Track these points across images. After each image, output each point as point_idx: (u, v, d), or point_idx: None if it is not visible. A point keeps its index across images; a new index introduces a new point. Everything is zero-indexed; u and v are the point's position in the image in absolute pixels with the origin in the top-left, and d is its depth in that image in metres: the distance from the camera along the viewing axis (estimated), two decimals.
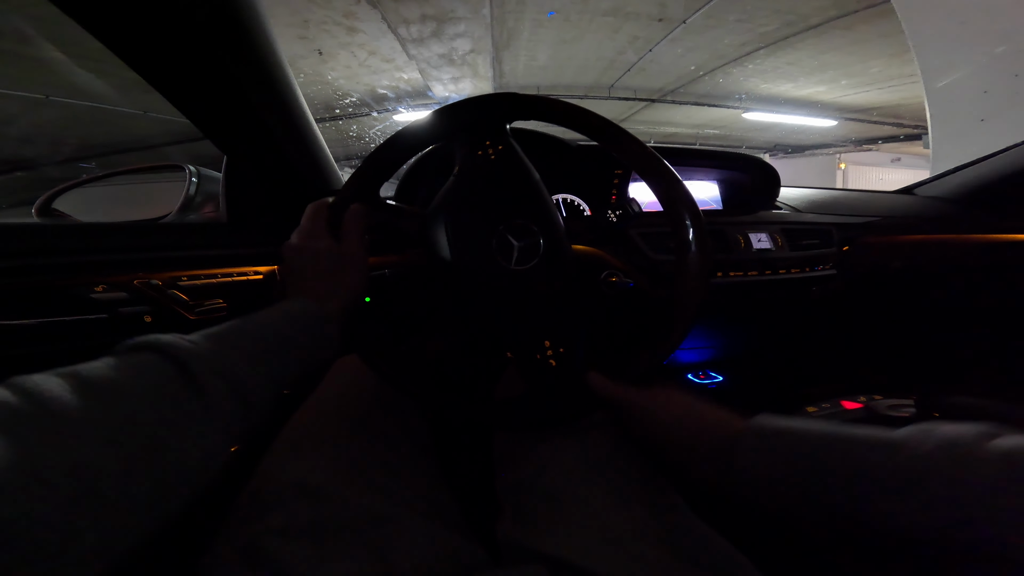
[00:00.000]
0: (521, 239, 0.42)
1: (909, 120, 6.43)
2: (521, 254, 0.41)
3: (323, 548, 0.30)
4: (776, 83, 5.31)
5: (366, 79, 4.76)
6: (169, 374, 0.23)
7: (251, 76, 0.46)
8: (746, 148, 8.14)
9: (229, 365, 0.25)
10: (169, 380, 0.23)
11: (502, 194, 0.43)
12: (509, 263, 0.41)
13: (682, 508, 0.36)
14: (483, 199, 0.43)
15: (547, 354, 0.40)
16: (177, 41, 0.40)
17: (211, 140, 0.54)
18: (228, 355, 0.26)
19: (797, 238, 0.74)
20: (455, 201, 0.43)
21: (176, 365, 0.23)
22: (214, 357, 0.25)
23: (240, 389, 0.25)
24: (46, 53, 2.79)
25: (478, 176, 0.43)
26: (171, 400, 0.22)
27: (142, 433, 0.20)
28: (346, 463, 0.36)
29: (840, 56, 4.41)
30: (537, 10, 3.67)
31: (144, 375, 0.22)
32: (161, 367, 0.23)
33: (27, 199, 0.89)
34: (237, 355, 0.26)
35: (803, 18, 3.71)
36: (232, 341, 0.27)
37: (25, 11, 2.38)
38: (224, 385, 0.24)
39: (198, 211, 0.67)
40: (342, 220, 0.39)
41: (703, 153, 0.80)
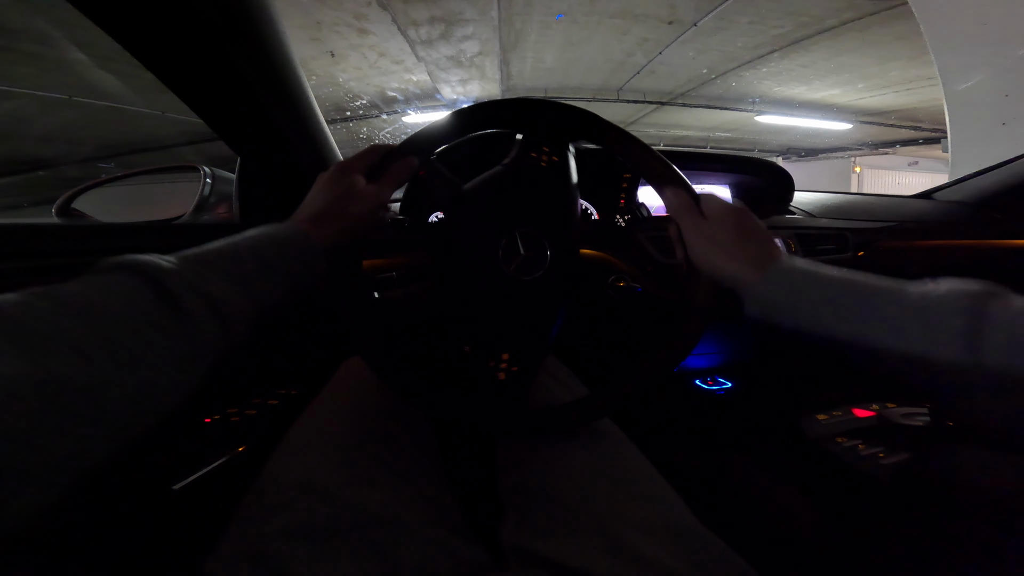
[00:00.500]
0: (529, 249, 0.42)
1: (928, 123, 6.29)
2: (524, 263, 0.42)
3: (327, 549, 0.31)
4: (789, 86, 5.23)
5: (376, 81, 4.81)
6: (144, 291, 0.23)
7: (264, 78, 0.47)
8: (758, 151, 8.04)
9: (207, 283, 0.25)
10: (144, 296, 0.23)
11: (535, 200, 0.43)
12: (509, 267, 0.42)
13: (685, 512, 0.36)
14: (515, 198, 0.43)
15: (500, 366, 0.40)
16: (192, 43, 0.41)
17: (225, 141, 0.55)
18: (206, 274, 0.26)
19: (811, 243, 0.73)
20: (491, 188, 0.43)
21: (151, 282, 0.23)
22: (192, 275, 0.25)
23: (218, 307, 0.25)
24: (69, 54, 2.87)
25: (522, 175, 0.43)
26: (145, 316, 0.22)
27: (114, 348, 0.20)
28: (351, 465, 0.36)
29: (856, 58, 4.34)
30: (545, 12, 3.67)
31: (118, 292, 0.22)
32: (136, 284, 0.23)
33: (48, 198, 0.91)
34: (216, 274, 0.26)
35: (817, 20, 3.66)
36: (211, 260, 0.27)
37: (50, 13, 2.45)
38: (202, 303, 0.24)
39: (212, 212, 0.68)
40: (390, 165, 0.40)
41: (715, 157, 0.80)
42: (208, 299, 0.25)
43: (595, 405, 0.39)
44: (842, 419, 0.67)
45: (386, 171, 0.40)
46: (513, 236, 0.42)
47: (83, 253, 0.50)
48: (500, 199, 0.43)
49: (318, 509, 0.32)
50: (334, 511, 0.32)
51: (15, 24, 2.60)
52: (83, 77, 3.17)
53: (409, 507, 0.35)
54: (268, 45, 0.45)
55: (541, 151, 0.43)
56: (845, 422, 0.67)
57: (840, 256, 0.74)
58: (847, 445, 0.63)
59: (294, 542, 0.30)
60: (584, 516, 0.34)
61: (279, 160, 0.57)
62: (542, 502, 0.36)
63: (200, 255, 0.27)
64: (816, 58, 4.42)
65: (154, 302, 0.23)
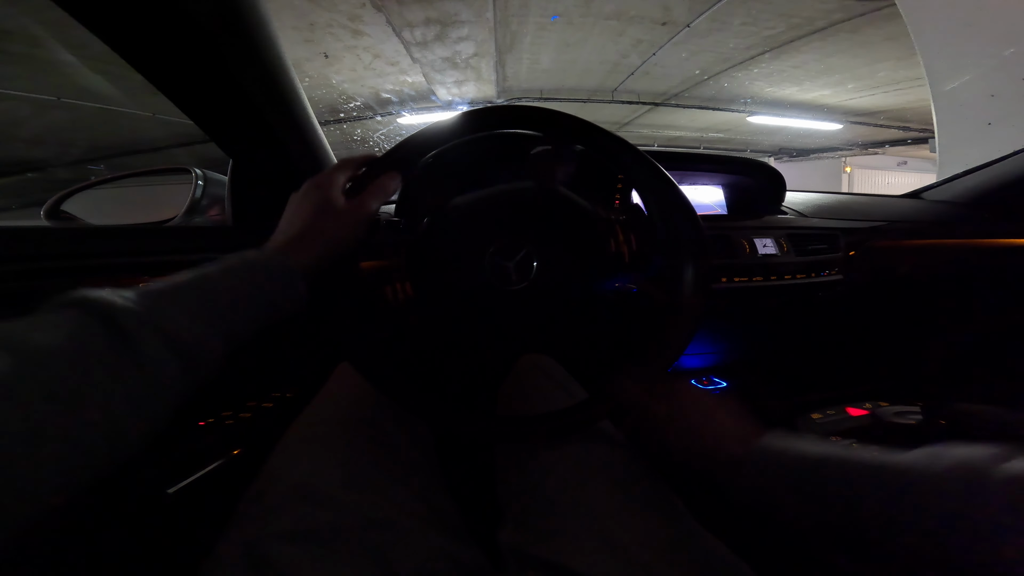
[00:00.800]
0: (513, 260, 0.42)
1: (916, 124, 6.39)
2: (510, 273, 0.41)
3: (325, 552, 0.30)
4: (781, 86, 5.29)
5: (370, 82, 4.80)
6: (92, 328, 0.21)
7: (256, 80, 0.46)
8: (751, 152, 8.12)
9: (166, 319, 0.24)
10: (91, 334, 0.21)
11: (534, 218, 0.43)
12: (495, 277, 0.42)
13: (685, 515, 0.36)
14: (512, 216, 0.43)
15: None
16: (183, 44, 0.40)
17: (217, 143, 0.54)
18: (166, 309, 0.24)
19: (803, 243, 0.74)
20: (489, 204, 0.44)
21: (101, 319, 0.22)
22: (149, 311, 0.23)
23: (178, 345, 0.24)
24: (57, 56, 2.83)
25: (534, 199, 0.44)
26: (91, 355, 0.21)
27: (56, 391, 0.19)
28: (349, 468, 0.36)
29: (846, 59, 4.40)
30: (540, 13, 3.69)
31: (64, 329, 0.21)
32: (84, 320, 0.21)
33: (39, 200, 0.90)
34: (177, 309, 0.25)
35: (808, 21, 3.70)
36: (172, 295, 0.26)
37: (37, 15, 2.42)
38: (158, 340, 0.23)
39: (204, 214, 0.67)
40: (370, 180, 0.38)
41: (708, 157, 0.80)
42: (166, 336, 0.23)
43: (592, 409, 0.39)
44: (836, 418, 0.68)
45: (367, 186, 0.38)
46: (499, 246, 0.42)
47: (73, 256, 0.50)
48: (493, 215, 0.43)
49: (316, 513, 0.32)
50: (332, 515, 0.32)
51: (3, 25, 2.56)
52: (73, 79, 3.13)
53: (407, 510, 0.35)
54: (260, 46, 0.45)
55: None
56: (839, 421, 0.68)
57: (831, 255, 0.75)
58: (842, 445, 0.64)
59: (292, 546, 0.30)
60: (583, 519, 0.34)
61: (272, 162, 0.57)
62: (541, 505, 0.36)
63: (162, 289, 0.26)
64: (807, 59, 4.47)
65: (103, 340, 0.21)
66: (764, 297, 0.70)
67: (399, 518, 0.34)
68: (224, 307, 0.27)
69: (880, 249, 0.82)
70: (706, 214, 0.83)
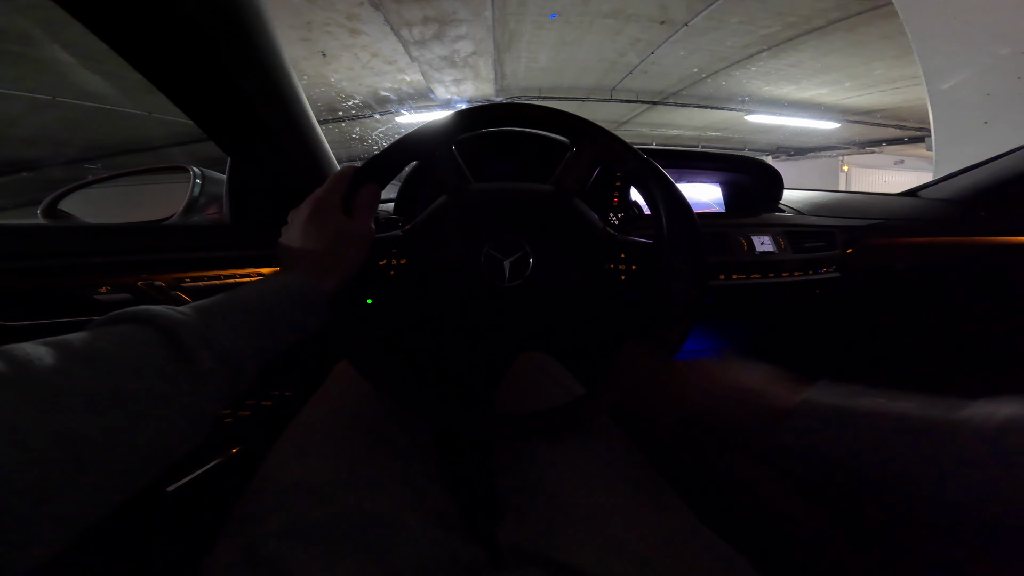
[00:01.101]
0: (510, 256, 0.42)
1: (912, 122, 6.41)
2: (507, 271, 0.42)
3: (324, 549, 0.30)
4: (778, 85, 5.30)
5: (369, 81, 4.79)
6: (157, 344, 0.23)
7: (255, 78, 0.46)
8: (748, 151, 8.14)
9: (218, 336, 0.25)
10: (157, 350, 0.22)
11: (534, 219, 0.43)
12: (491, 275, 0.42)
13: (684, 511, 0.36)
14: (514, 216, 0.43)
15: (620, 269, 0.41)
16: (181, 43, 0.40)
17: (215, 142, 0.54)
18: (217, 326, 0.26)
19: (800, 241, 0.74)
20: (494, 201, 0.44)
21: (165, 335, 0.23)
22: (203, 328, 0.25)
23: (229, 360, 0.25)
24: (53, 54, 2.82)
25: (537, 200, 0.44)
26: (158, 371, 0.22)
27: (126, 403, 0.20)
28: (348, 465, 0.36)
29: (843, 58, 4.41)
30: (538, 12, 3.68)
31: (131, 345, 0.22)
32: (149, 337, 0.23)
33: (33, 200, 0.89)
34: (226, 327, 0.26)
35: (805, 20, 3.71)
36: (221, 313, 0.27)
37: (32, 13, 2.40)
38: (212, 356, 0.24)
39: (202, 213, 0.67)
40: (357, 195, 0.39)
41: (706, 155, 0.81)
42: (218, 352, 0.25)
43: (588, 406, 0.39)
44: None
45: (357, 202, 0.39)
46: (495, 244, 0.42)
47: (70, 254, 0.50)
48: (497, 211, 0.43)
49: (315, 510, 0.32)
50: (331, 512, 0.32)
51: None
52: (69, 77, 3.11)
53: (407, 507, 0.35)
54: (258, 44, 0.45)
55: None
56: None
57: (829, 253, 0.75)
58: None
59: (291, 543, 0.30)
60: (583, 516, 0.34)
61: (270, 161, 0.57)
62: (540, 502, 0.36)
63: (209, 306, 0.27)
64: (804, 58, 4.48)
65: (166, 354, 0.23)
66: (761, 294, 0.71)
67: (398, 515, 0.34)
68: (260, 325, 0.29)
69: (877, 247, 0.82)
70: (704, 212, 0.83)
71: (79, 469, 0.18)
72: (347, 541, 0.31)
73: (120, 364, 0.21)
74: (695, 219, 0.41)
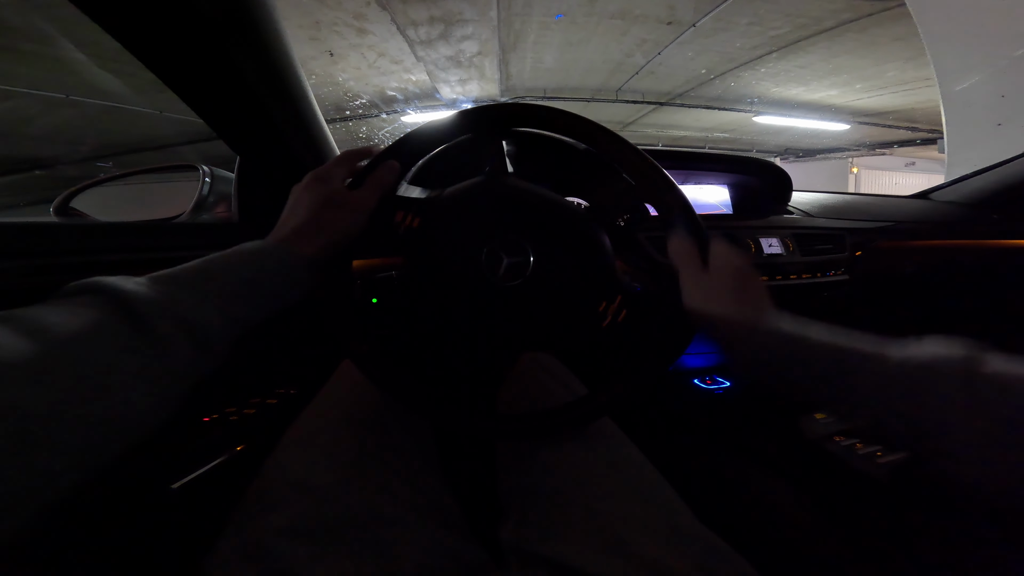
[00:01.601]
0: (511, 256, 0.41)
1: (924, 124, 6.33)
2: (508, 270, 0.41)
3: (326, 548, 0.31)
4: (787, 87, 5.26)
5: (375, 80, 4.81)
6: (110, 313, 0.22)
7: (264, 77, 0.47)
8: (756, 152, 8.07)
9: (181, 305, 0.24)
10: (110, 319, 0.22)
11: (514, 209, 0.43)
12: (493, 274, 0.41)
13: (685, 512, 0.36)
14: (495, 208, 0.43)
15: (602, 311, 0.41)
16: (192, 41, 0.41)
17: (224, 140, 0.55)
18: (179, 295, 0.25)
19: (809, 243, 0.73)
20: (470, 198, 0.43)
21: (118, 304, 0.22)
22: (164, 297, 0.24)
23: (194, 330, 0.24)
24: (67, 54, 2.86)
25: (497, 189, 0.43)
26: (113, 341, 0.21)
27: (79, 375, 0.19)
28: (350, 464, 0.36)
29: (853, 60, 4.36)
30: (544, 12, 3.68)
31: (82, 315, 0.21)
32: (102, 307, 0.22)
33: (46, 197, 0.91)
34: (190, 295, 0.25)
35: (816, 21, 3.67)
36: (185, 281, 0.26)
37: (49, 12, 2.44)
38: (175, 326, 0.23)
39: (211, 211, 0.68)
40: (370, 172, 0.38)
41: (714, 157, 0.80)
42: (181, 320, 0.24)
43: (589, 406, 0.39)
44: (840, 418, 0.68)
45: (367, 178, 0.38)
46: (495, 243, 0.41)
47: (81, 252, 0.50)
48: (480, 208, 0.42)
49: (317, 508, 0.32)
50: (333, 510, 0.32)
51: (14, 23, 2.59)
52: (82, 76, 3.16)
53: (409, 507, 0.35)
54: (268, 44, 0.45)
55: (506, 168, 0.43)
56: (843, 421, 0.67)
57: (837, 255, 0.75)
58: (845, 444, 0.63)
59: (293, 541, 0.30)
60: (584, 517, 0.34)
61: (278, 159, 0.57)
62: (542, 502, 0.36)
63: (172, 275, 0.26)
64: (814, 59, 4.44)
65: (121, 324, 0.22)
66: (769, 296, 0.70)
67: (401, 514, 0.34)
68: (231, 292, 0.28)
69: (886, 249, 0.81)
70: (711, 213, 0.82)
71: (25, 444, 0.17)
72: (349, 540, 0.31)
73: (70, 336, 0.20)
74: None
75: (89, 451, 0.19)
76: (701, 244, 0.40)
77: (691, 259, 0.39)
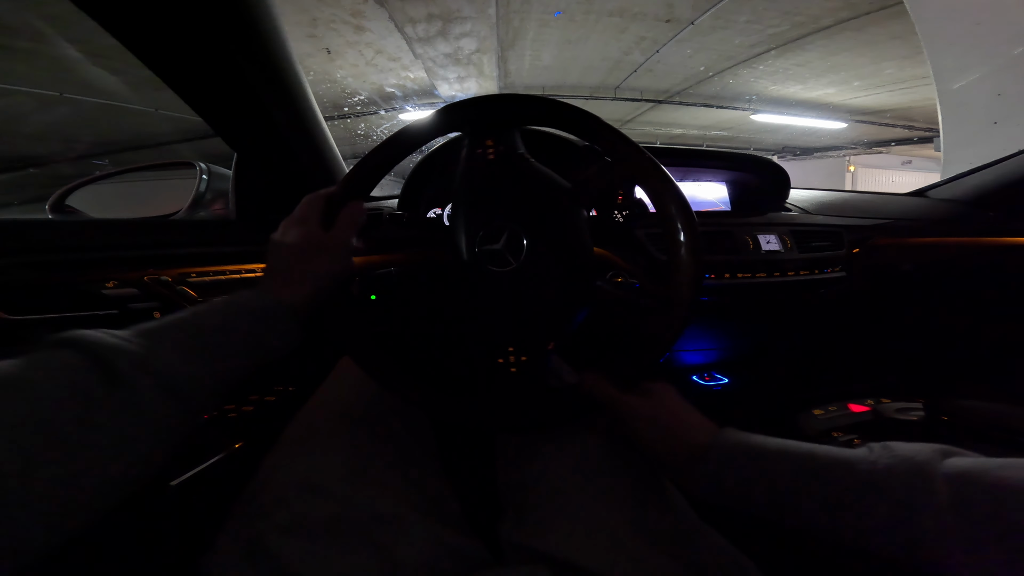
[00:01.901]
0: (500, 241, 0.41)
1: (922, 122, 6.34)
2: (500, 256, 0.41)
3: (326, 545, 0.31)
4: (785, 85, 5.26)
5: (373, 78, 4.79)
6: (87, 371, 0.21)
7: (262, 74, 0.46)
8: (754, 150, 8.07)
9: (159, 360, 0.24)
10: (85, 376, 0.21)
11: (496, 194, 0.43)
12: (485, 260, 0.41)
13: (684, 508, 0.36)
14: (479, 198, 0.43)
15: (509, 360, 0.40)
16: (190, 39, 0.40)
17: (222, 137, 0.54)
18: (157, 350, 0.24)
19: (806, 240, 0.73)
20: (457, 200, 0.43)
21: (95, 361, 0.22)
22: (141, 351, 0.23)
23: (171, 385, 0.24)
24: (61, 51, 2.83)
25: (475, 175, 0.43)
26: (85, 397, 0.21)
27: (48, 430, 0.19)
28: (350, 461, 0.36)
29: (851, 58, 4.36)
30: (543, 10, 3.67)
31: (60, 372, 0.21)
32: (77, 363, 0.22)
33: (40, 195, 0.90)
34: (169, 350, 0.25)
35: (814, 19, 3.67)
36: (165, 335, 0.26)
37: (41, 9, 2.42)
38: (152, 381, 0.23)
39: (208, 208, 0.68)
40: (338, 212, 0.38)
41: (712, 154, 0.80)
42: (159, 377, 0.23)
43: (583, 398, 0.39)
44: (838, 414, 0.68)
45: (339, 219, 0.37)
46: (488, 229, 0.42)
47: (78, 249, 0.50)
48: (468, 200, 0.43)
49: (316, 505, 0.32)
50: (333, 507, 0.32)
51: (7, 20, 2.56)
52: (76, 74, 3.13)
53: (408, 503, 0.35)
54: (266, 41, 0.45)
55: (486, 146, 0.43)
56: (841, 417, 0.68)
57: (835, 252, 0.75)
58: (843, 440, 0.64)
59: (292, 538, 0.30)
60: (583, 513, 0.34)
61: (276, 156, 0.57)
62: (541, 499, 0.36)
63: (154, 328, 0.26)
64: (812, 57, 4.44)
65: (97, 381, 0.21)
66: (767, 293, 0.70)
67: (400, 510, 0.34)
68: (215, 346, 0.27)
69: (883, 246, 0.81)
70: (709, 210, 0.82)
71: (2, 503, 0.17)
72: (349, 537, 0.31)
73: (46, 392, 0.20)
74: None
75: (64, 513, 0.19)
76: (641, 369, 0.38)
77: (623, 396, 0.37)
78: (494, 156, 0.43)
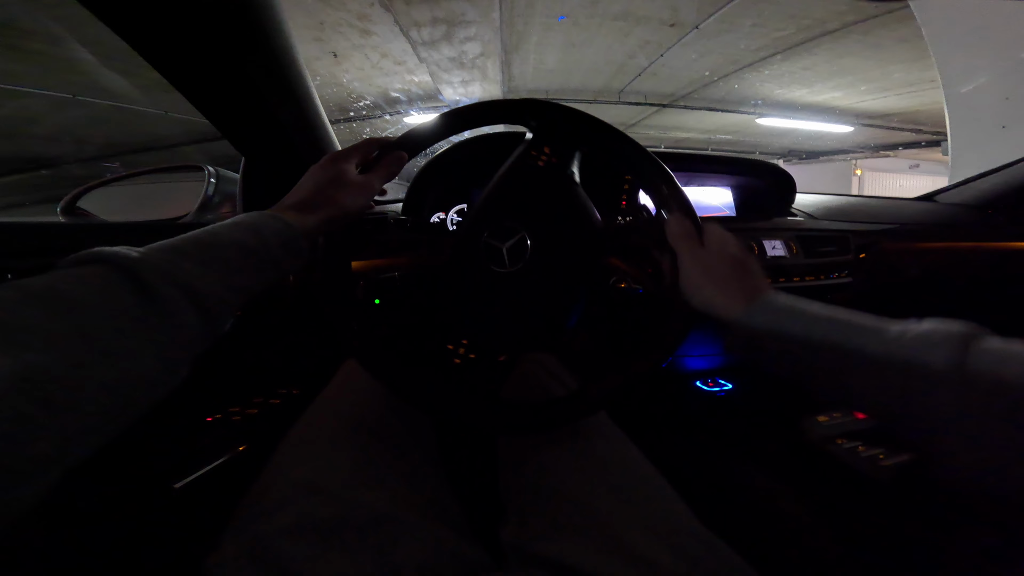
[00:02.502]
0: (508, 242, 0.42)
1: (929, 126, 6.29)
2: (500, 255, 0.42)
3: (328, 547, 0.31)
4: (791, 88, 5.24)
5: (378, 81, 4.83)
6: (116, 281, 0.22)
7: (270, 78, 0.47)
8: (759, 154, 8.04)
9: (183, 273, 0.24)
10: (118, 289, 0.22)
11: (527, 200, 0.43)
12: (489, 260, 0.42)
13: (685, 512, 0.36)
14: (509, 195, 0.43)
15: (459, 351, 0.41)
16: (199, 42, 0.41)
17: (230, 141, 0.55)
18: (180, 263, 0.25)
19: (812, 245, 0.73)
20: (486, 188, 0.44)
21: (123, 272, 0.22)
22: (166, 265, 0.24)
23: (196, 296, 0.24)
24: (74, 54, 2.88)
25: (518, 174, 0.44)
26: (121, 308, 0.21)
27: (92, 341, 0.20)
28: (352, 464, 0.36)
29: (858, 61, 4.34)
30: (547, 14, 3.69)
31: (91, 285, 0.21)
32: (109, 276, 0.22)
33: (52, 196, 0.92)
34: (191, 262, 0.26)
35: (819, 23, 3.66)
36: (185, 250, 0.26)
37: (55, 12, 2.47)
38: (178, 292, 0.24)
39: (216, 211, 0.68)
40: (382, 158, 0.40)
41: (717, 159, 0.80)
42: (184, 287, 0.24)
43: (583, 401, 0.39)
44: (842, 420, 0.67)
45: (378, 163, 0.40)
46: (503, 227, 0.42)
47: None
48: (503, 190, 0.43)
49: (320, 508, 0.32)
50: (335, 510, 0.32)
51: (21, 23, 2.61)
52: (88, 76, 3.19)
53: (410, 506, 0.35)
54: (274, 44, 0.46)
55: (542, 151, 0.43)
56: (845, 423, 0.67)
57: (841, 258, 0.74)
58: (847, 446, 0.63)
59: (295, 540, 0.30)
60: (585, 516, 0.34)
61: (283, 160, 0.58)
62: (543, 502, 0.36)
63: (174, 244, 0.27)
64: (818, 61, 4.42)
65: (128, 292, 0.22)
66: None
67: (402, 514, 0.34)
68: (231, 260, 0.28)
69: (891, 251, 0.81)
70: (714, 215, 0.82)
71: (47, 408, 0.17)
72: (351, 539, 0.31)
73: (79, 303, 0.20)
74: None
75: (103, 415, 0.20)
76: (697, 225, 0.40)
77: (689, 240, 0.40)
78: (543, 164, 0.43)
